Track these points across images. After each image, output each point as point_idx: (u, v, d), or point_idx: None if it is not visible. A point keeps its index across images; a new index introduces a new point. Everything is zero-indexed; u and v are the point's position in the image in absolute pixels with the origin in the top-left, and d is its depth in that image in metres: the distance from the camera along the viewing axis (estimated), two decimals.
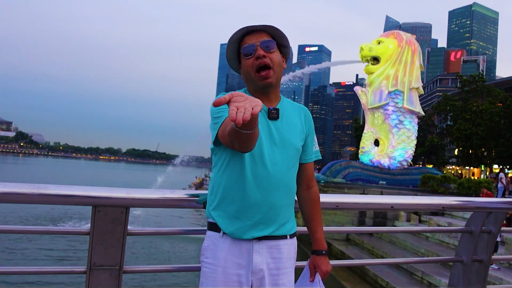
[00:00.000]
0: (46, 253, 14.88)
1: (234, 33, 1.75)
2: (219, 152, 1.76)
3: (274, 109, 1.74)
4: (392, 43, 27.27)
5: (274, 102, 1.80)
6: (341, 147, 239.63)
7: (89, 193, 1.79)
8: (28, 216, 21.89)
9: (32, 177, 50.33)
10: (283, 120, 1.77)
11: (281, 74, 1.78)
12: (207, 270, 1.71)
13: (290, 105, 1.86)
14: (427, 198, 2.64)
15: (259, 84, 1.73)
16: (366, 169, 27.27)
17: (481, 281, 2.57)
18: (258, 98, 1.72)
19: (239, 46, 1.78)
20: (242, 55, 1.76)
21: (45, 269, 2.16)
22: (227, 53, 1.81)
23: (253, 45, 1.73)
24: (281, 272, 1.73)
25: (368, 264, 12.77)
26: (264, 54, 1.71)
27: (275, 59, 1.74)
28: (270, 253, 1.71)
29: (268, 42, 1.73)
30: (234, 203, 1.70)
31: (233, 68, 1.88)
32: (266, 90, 1.76)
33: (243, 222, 1.67)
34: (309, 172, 1.91)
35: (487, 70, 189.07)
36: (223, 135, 1.59)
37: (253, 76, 1.73)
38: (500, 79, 61.89)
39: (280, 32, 1.77)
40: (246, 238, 1.68)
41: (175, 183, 36.93)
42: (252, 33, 1.76)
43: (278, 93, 1.82)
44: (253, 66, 1.72)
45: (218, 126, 1.65)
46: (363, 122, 35.67)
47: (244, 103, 1.23)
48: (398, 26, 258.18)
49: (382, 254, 14.94)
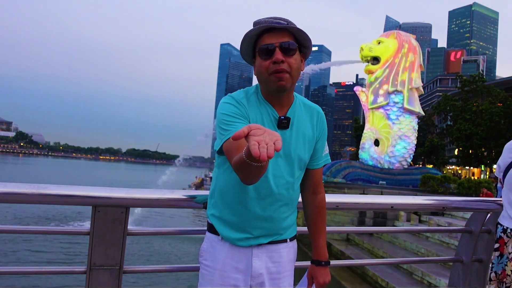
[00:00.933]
0: (46, 253, 14.88)
1: (253, 28, 1.59)
2: (224, 157, 1.66)
3: (285, 118, 1.62)
4: (392, 43, 27.27)
5: (286, 106, 1.66)
6: (341, 147, 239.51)
7: (89, 193, 1.79)
8: (27, 216, 21.90)
9: (32, 177, 50.32)
10: (293, 130, 1.66)
11: (297, 79, 1.64)
12: (205, 272, 1.70)
13: (302, 108, 1.72)
14: (427, 198, 2.64)
15: (272, 86, 1.59)
16: (366, 169, 27.27)
17: (481, 281, 2.57)
18: (270, 100, 1.64)
19: (256, 40, 1.62)
20: (258, 54, 1.60)
21: (45, 269, 2.16)
22: (241, 46, 1.64)
23: (272, 45, 1.56)
24: (281, 276, 1.71)
25: (368, 264, 12.77)
26: (282, 58, 1.55)
27: (294, 64, 1.58)
28: (270, 258, 1.68)
29: (289, 44, 1.56)
30: (234, 215, 1.65)
31: (247, 62, 1.72)
32: (279, 94, 1.62)
33: (243, 234, 1.64)
34: (317, 178, 1.81)
35: (487, 70, 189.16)
36: (227, 152, 1.51)
37: (267, 78, 1.58)
38: (500, 79, 61.85)
39: (304, 34, 1.59)
40: (246, 246, 1.66)
41: (175, 183, 36.91)
42: (273, 31, 1.58)
43: (291, 96, 1.69)
44: (268, 69, 1.57)
45: (225, 138, 1.53)
46: (363, 122, 35.65)
47: (264, 137, 1.13)
48: (398, 26, 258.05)
49: (382, 254, 14.93)
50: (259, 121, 1.61)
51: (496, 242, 2.26)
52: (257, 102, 1.65)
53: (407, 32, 31.53)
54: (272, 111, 1.64)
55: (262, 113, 1.63)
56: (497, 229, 2.27)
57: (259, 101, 1.65)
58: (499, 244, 2.23)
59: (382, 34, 29.49)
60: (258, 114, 1.62)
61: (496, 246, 2.25)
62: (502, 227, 2.23)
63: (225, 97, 1.66)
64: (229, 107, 1.60)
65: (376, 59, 27.23)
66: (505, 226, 2.21)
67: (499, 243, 2.23)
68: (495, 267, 2.22)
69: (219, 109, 1.62)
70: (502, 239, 2.22)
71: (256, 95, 1.67)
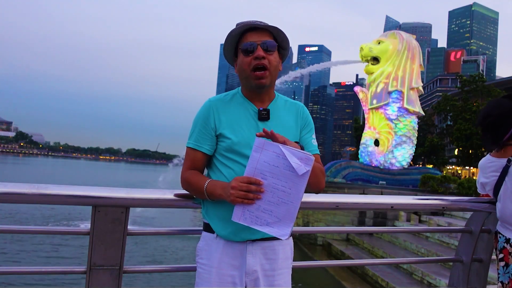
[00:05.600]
0: (46, 253, 14.88)
1: (236, 27, 1.71)
2: (212, 156, 1.78)
3: (264, 110, 1.73)
4: (392, 43, 27.28)
5: (266, 102, 1.77)
6: (341, 147, 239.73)
7: (89, 193, 1.79)
8: (27, 216, 21.90)
9: (32, 177, 50.31)
10: (274, 121, 1.74)
11: (276, 76, 1.76)
12: (201, 271, 1.72)
13: (283, 103, 1.82)
14: (427, 198, 2.64)
15: (252, 83, 1.71)
16: (366, 169, 27.28)
17: (481, 281, 2.57)
18: (250, 97, 1.76)
19: (239, 40, 1.74)
20: (241, 51, 1.72)
21: (45, 269, 2.17)
22: (225, 44, 1.77)
23: (253, 44, 1.69)
24: (276, 273, 1.71)
25: (368, 264, 12.78)
26: (264, 55, 1.68)
27: (273, 62, 1.71)
28: (264, 254, 1.70)
29: (269, 42, 1.70)
30: (223, 206, 1.67)
31: (228, 61, 1.85)
32: (259, 91, 1.74)
33: (234, 225, 1.63)
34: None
35: (487, 70, 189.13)
36: (187, 156, 1.78)
37: (248, 75, 1.70)
38: (500, 79, 61.87)
39: (283, 34, 1.74)
40: (239, 240, 1.68)
41: (175, 183, 36.84)
42: (255, 31, 1.71)
43: (272, 93, 1.80)
44: (250, 65, 1.69)
45: (188, 145, 1.76)
46: (363, 122, 35.65)
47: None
48: (398, 26, 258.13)
49: (382, 254, 14.95)
50: (239, 116, 1.73)
51: (500, 252, 2.25)
52: (238, 100, 1.78)
53: (407, 32, 31.54)
54: (251, 106, 1.76)
55: (242, 109, 1.75)
56: (499, 238, 2.27)
57: (240, 99, 1.78)
58: (503, 254, 2.23)
59: (382, 34, 29.53)
60: (238, 110, 1.75)
61: (500, 257, 2.24)
62: (505, 237, 2.23)
63: (205, 102, 1.78)
64: (198, 117, 1.78)
65: (376, 59, 27.24)
66: (507, 237, 2.21)
67: (503, 253, 2.22)
68: (501, 277, 2.22)
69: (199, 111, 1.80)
70: (506, 249, 2.22)
71: (237, 95, 1.80)
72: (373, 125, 27.69)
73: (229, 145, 1.70)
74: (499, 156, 2.32)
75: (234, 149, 1.69)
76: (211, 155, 1.77)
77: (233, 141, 1.69)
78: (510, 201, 2.22)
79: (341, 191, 21.61)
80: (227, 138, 1.70)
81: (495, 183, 2.32)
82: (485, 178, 2.40)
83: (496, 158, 2.33)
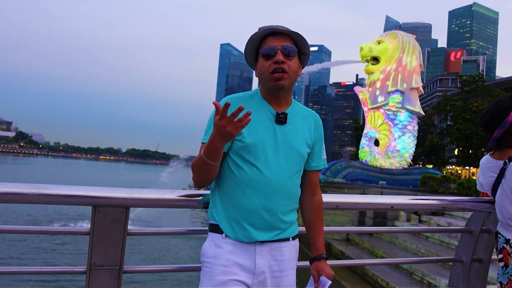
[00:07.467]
0: (46, 253, 14.88)
1: (258, 31, 1.74)
2: None
3: (282, 114, 1.75)
4: (392, 43, 27.27)
5: (284, 106, 1.79)
6: (341, 147, 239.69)
7: (89, 193, 1.79)
8: (28, 216, 21.89)
9: (32, 177, 50.33)
10: (290, 125, 1.76)
11: (295, 81, 1.77)
12: (207, 270, 1.70)
13: (300, 111, 1.84)
14: (427, 198, 2.64)
15: (271, 85, 1.72)
16: (366, 169, 27.29)
17: (481, 281, 2.57)
18: (269, 100, 1.78)
19: (260, 44, 1.76)
20: (261, 55, 1.74)
21: (45, 269, 2.16)
22: (246, 48, 1.78)
23: (274, 48, 1.70)
24: (284, 274, 1.73)
25: (368, 264, 12.79)
26: (283, 60, 1.69)
27: (293, 67, 1.72)
28: (272, 256, 1.71)
29: (290, 48, 1.72)
30: (234, 207, 1.69)
31: (249, 64, 1.86)
32: (277, 93, 1.75)
33: (244, 226, 1.66)
34: (314, 180, 1.90)
35: (487, 70, 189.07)
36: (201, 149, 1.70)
37: (267, 77, 1.72)
38: (500, 79, 61.83)
39: (304, 40, 1.76)
40: (248, 241, 1.68)
41: (175, 183, 36.94)
42: (276, 35, 1.73)
43: (289, 98, 1.81)
44: (269, 69, 1.70)
45: (203, 141, 1.72)
46: (363, 122, 35.64)
47: None
48: (398, 26, 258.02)
49: (382, 254, 14.95)
50: (256, 116, 1.73)
51: (500, 252, 2.26)
52: (256, 101, 1.79)
53: (407, 32, 31.53)
54: (269, 108, 1.77)
55: (260, 110, 1.75)
56: (499, 238, 2.28)
57: (258, 100, 1.79)
58: (503, 255, 2.23)
59: (382, 34, 29.50)
60: (256, 110, 1.73)
61: (500, 257, 2.25)
62: (504, 238, 2.23)
63: (223, 99, 1.76)
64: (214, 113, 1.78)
65: (376, 59, 27.22)
66: (507, 237, 2.22)
67: (503, 253, 2.23)
68: (500, 278, 2.22)
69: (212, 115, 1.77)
70: (505, 249, 2.22)
71: (256, 95, 1.81)
72: (373, 125, 27.69)
73: (244, 145, 1.70)
74: (497, 158, 2.34)
75: (248, 149, 1.69)
76: (225, 152, 1.76)
77: (249, 141, 1.69)
78: (507, 202, 2.24)
79: (341, 191, 21.62)
80: (243, 137, 1.70)
81: (492, 184, 2.33)
82: (483, 178, 2.42)
83: (494, 160, 2.35)
